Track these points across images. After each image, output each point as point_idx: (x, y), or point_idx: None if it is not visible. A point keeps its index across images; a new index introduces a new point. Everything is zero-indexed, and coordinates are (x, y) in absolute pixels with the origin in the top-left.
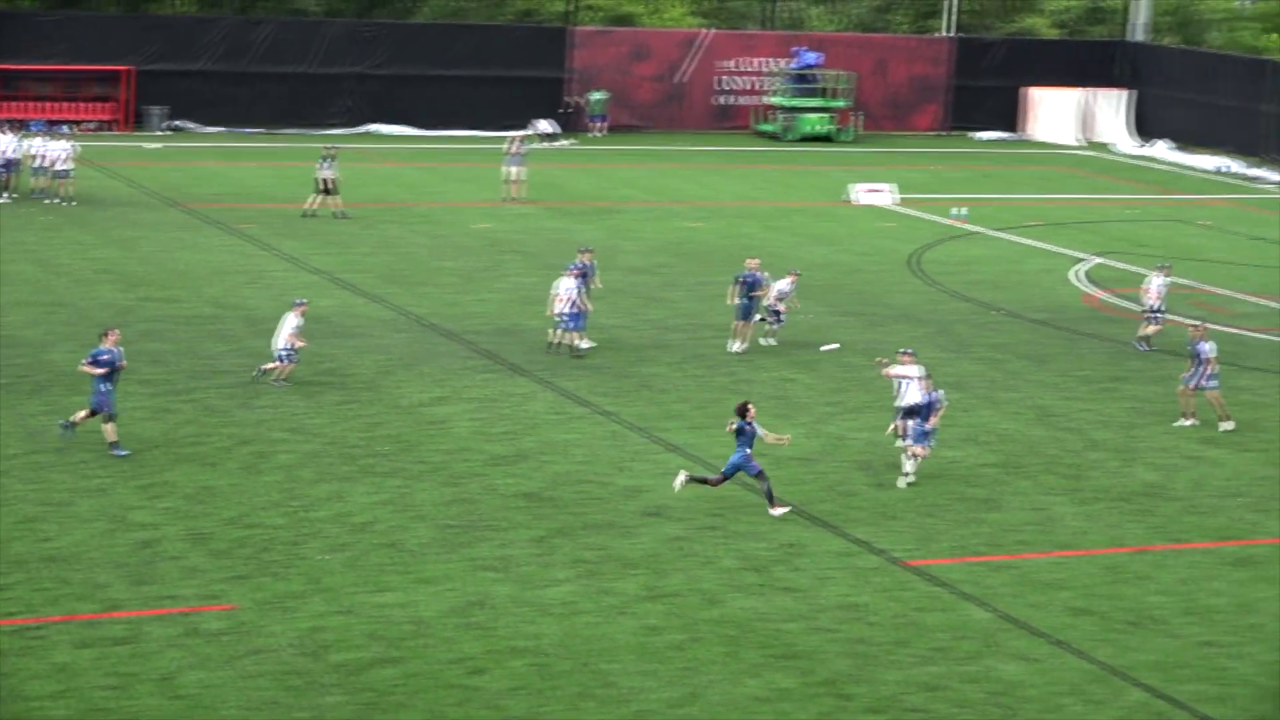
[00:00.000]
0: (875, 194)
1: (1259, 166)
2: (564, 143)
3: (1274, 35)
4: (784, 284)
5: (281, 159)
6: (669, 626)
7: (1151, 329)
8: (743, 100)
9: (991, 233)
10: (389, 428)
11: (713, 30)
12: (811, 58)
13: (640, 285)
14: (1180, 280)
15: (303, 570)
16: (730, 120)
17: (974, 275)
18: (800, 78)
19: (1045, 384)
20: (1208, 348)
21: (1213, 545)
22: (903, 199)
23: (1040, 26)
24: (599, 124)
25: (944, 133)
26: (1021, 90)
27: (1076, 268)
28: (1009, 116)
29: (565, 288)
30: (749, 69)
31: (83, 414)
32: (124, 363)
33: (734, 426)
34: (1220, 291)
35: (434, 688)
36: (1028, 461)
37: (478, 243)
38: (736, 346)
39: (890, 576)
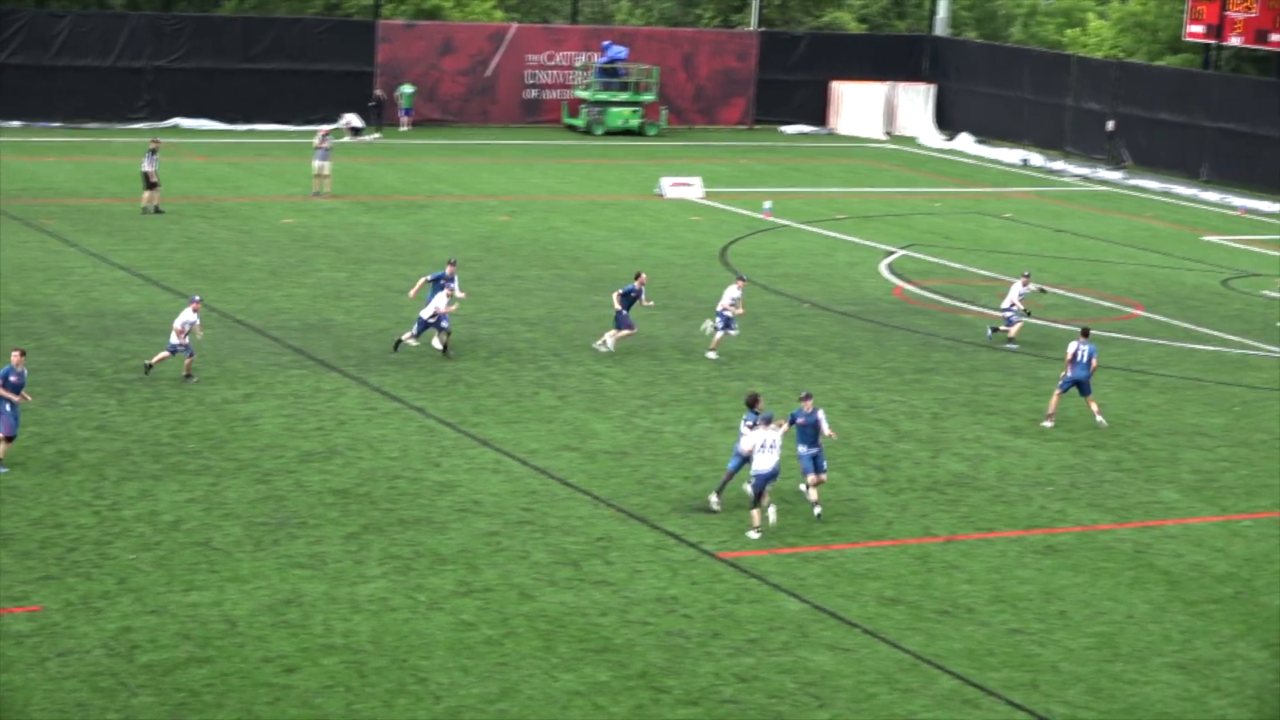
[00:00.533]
0: (684, 188)
1: (1060, 159)
2: (372, 137)
3: (1073, 30)
4: (733, 290)
5: (84, 154)
6: (483, 622)
7: (1014, 329)
8: (551, 94)
9: (799, 226)
10: (197, 425)
11: (520, 24)
12: (618, 52)
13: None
14: (984, 272)
15: (111, 570)
16: (539, 114)
17: (782, 268)
18: (608, 71)
19: (854, 376)
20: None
21: (1020, 534)
22: (711, 193)
23: (845, 21)
24: (407, 118)
25: (751, 127)
26: (827, 84)
27: (884, 260)
28: (815, 111)
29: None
30: (557, 63)
31: None
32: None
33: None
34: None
35: (246, 687)
36: (838, 453)
37: (285, 238)
38: (603, 345)
39: (703, 569)
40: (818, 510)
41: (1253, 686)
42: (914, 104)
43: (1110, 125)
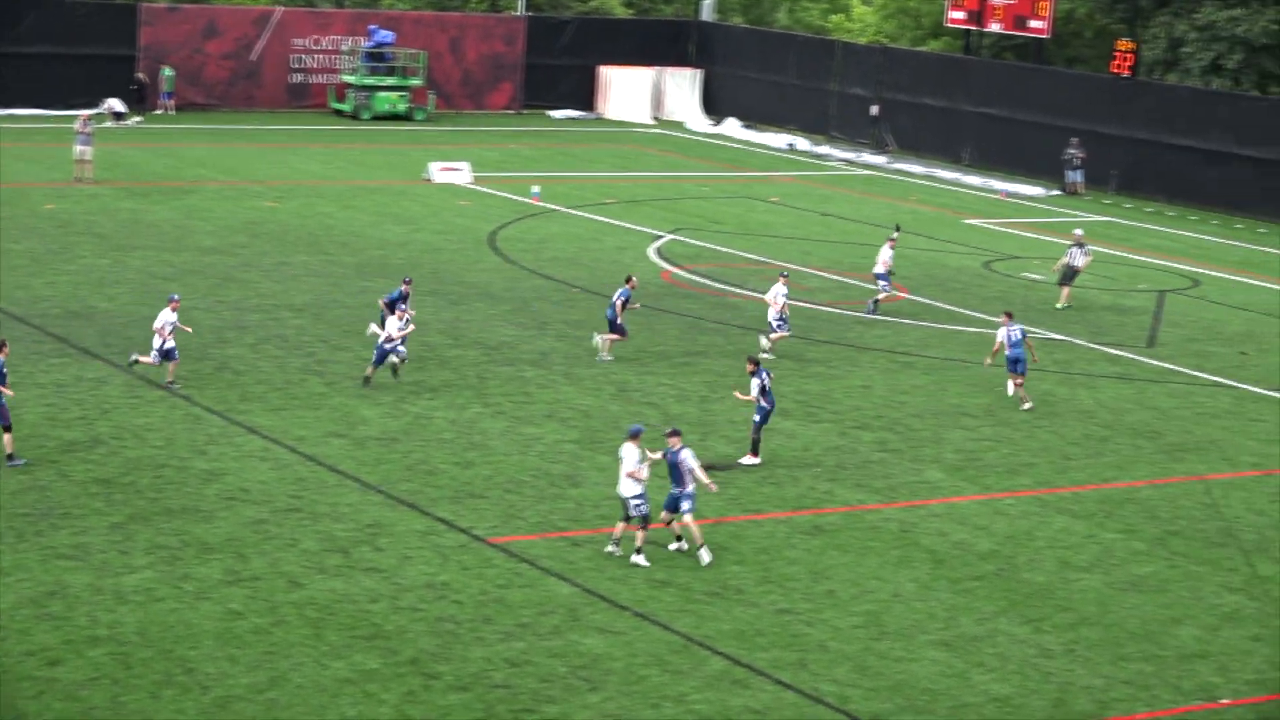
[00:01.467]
0: (452, 172)
1: (825, 144)
2: (133, 121)
3: (838, 16)
4: (779, 288)
5: None
6: (251, 611)
7: (883, 296)
8: (318, 78)
9: (568, 210)
10: None
11: (286, 8)
12: (385, 36)
13: (216, 266)
14: (752, 256)
15: None
16: (306, 99)
17: (551, 252)
18: (374, 56)
19: (623, 359)
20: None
21: (788, 515)
22: (479, 177)
23: (612, 6)
24: (169, 101)
25: (519, 111)
26: (595, 69)
27: (652, 245)
28: (583, 96)
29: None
30: (323, 47)
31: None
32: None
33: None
34: (791, 266)
35: (9, 680)
36: (608, 437)
37: (47, 224)
38: (602, 355)
39: (474, 554)
40: (673, 546)
41: (1015, 661)
42: (681, 89)
43: (874, 110)
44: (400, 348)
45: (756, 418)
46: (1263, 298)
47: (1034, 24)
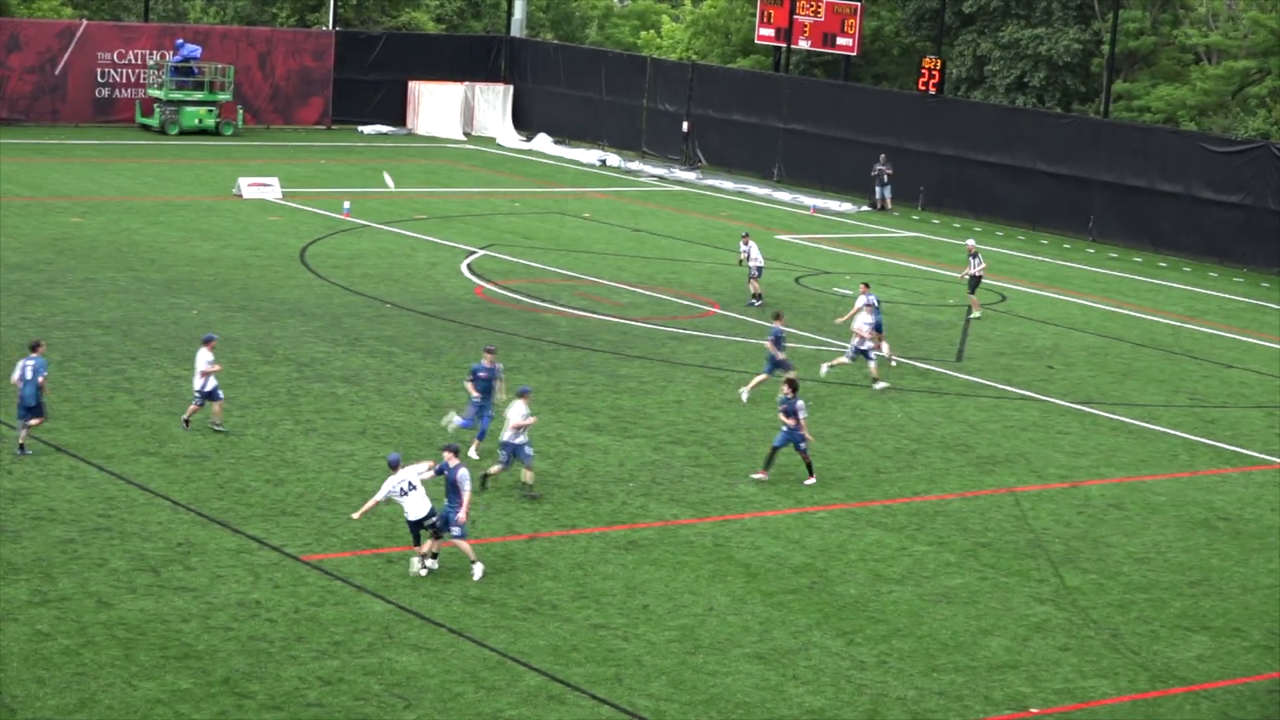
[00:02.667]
0: (262, 188)
1: (637, 160)
2: None
3: (648, 33)
4: (864, 301)
5: None
6: (59, 631)
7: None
8: (125, 93)
9: (379, 226)
10: None
11: (90, 21)
12: (192, 50)
13: (21, 283)
14: (564, 271)
15: None
16: (112, 113)
17: (363, 268)
18: (182, 71)
19: (436, 376)
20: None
21: (602, 530)
22: (289, 193)
23: (422, 21)
24: None
25: (329, 127)
26: (406, 84)
27: (465, 260)
28: (394, 111)
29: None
30: (129, 61)
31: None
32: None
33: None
34: (603, 282)
35: None
36: (420, 454)
37: None
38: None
39: (287, 572)
40: (417, 567)
41: (829, 674)
42: (492, 105)
43: (685, 126)
44: (528, 448)
45: (778, 442)
46: (1068, 312)
47: (842, 42)
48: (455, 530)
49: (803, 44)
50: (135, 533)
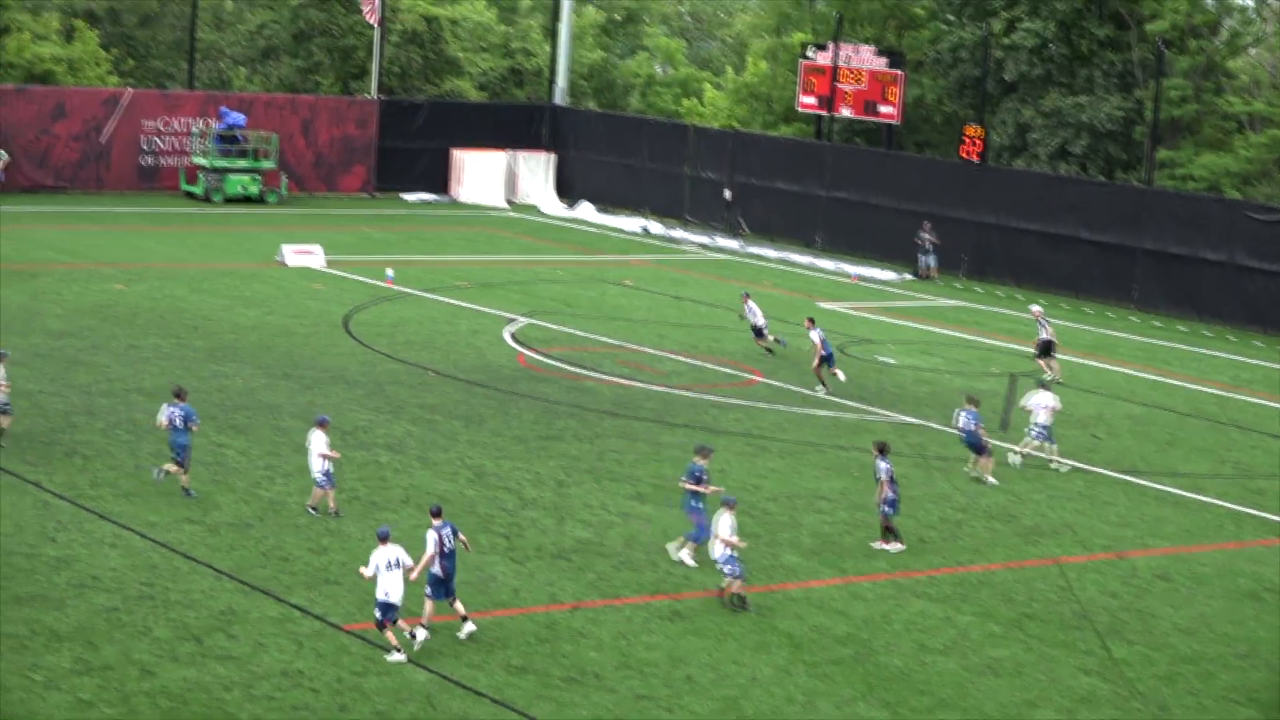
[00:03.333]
0: (305, 255)
1: (679, 228)
2: None
3: (690, 100)
4: (1047, 399)
5: None
6: (102, 700)
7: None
8: (169, 161)
9: (422, 294)
10: None
11: (135, 89)
12: (236, 118)
13: (64, 349)
14: (607, 339)
15: None
16: (157, 181)
17: (406, 336)
18: (226, 138)
19: (479, 444)
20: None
21: (646, 599)
22: (333, 260)
23: (465, 89)
24: None
25: (373, 194)
26: (449, 152)
27: (507, 328)
28: (437, 178)
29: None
30: (174, 129)
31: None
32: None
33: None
34: (645, 350)
35: None
36: (463, 522)
37: None
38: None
39: (329, 641)
40: (422, 635)
41: None
42: (535, 172)
43: (728, 194)
44: (736, 568)
45: (888, 509)
46: (1112, 381)
47: (884, 110)
48: (427, 591)
49: (845, 112)
50: (178, 601)
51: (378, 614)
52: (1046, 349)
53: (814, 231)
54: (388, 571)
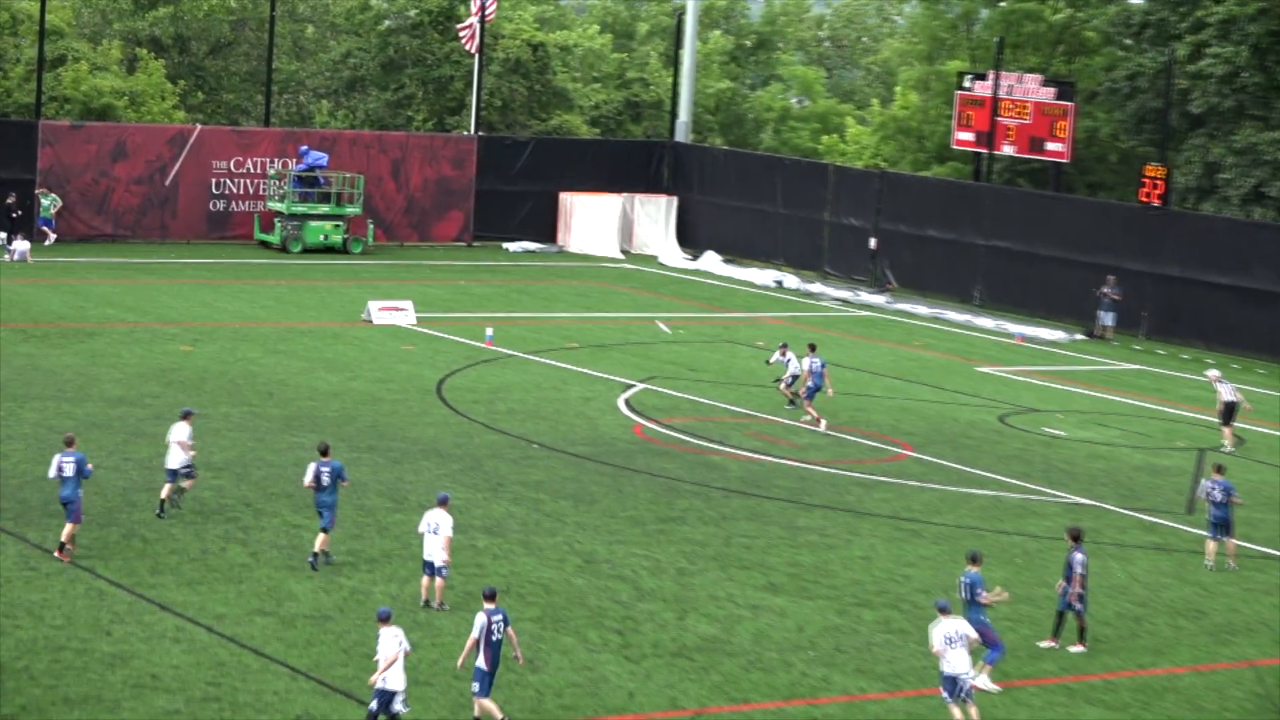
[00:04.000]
0: (394, 313)
1: (818, 281)
2: (18, 251)
3: (830, 137)
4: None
5: None
6: None
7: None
8: (242, 206)
9: (526, 356)
10: None
11: (205, 126)
12: (318, 158)
13: (124, 419)
14: (734, 408)
15: None
16: (228, 229)
17: (507, 404)
18: (306, 180)
19: (589, 526)
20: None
21: (779, 705)
22: (424, 318)
23: (575, 125)
24: (49, 230)
25: (470, 244)
26: (556, 196)
27: (622, 395)
28: (543, 226)
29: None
30: (247, 170)
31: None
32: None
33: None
34: (779, 420)
35: None
36: (571, 615)
37: None
38: None
39: None
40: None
41: None
42: (653, 218)
43: (873, 243)
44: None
45: (1078, 605)
46: None
47: (1052, 146)
48: (474, 687)
49: (1006, 149)
50: (248, 703)
51: (374, 706)
52: (1229, 413)
53: (971, 285)
54: (400, 648)
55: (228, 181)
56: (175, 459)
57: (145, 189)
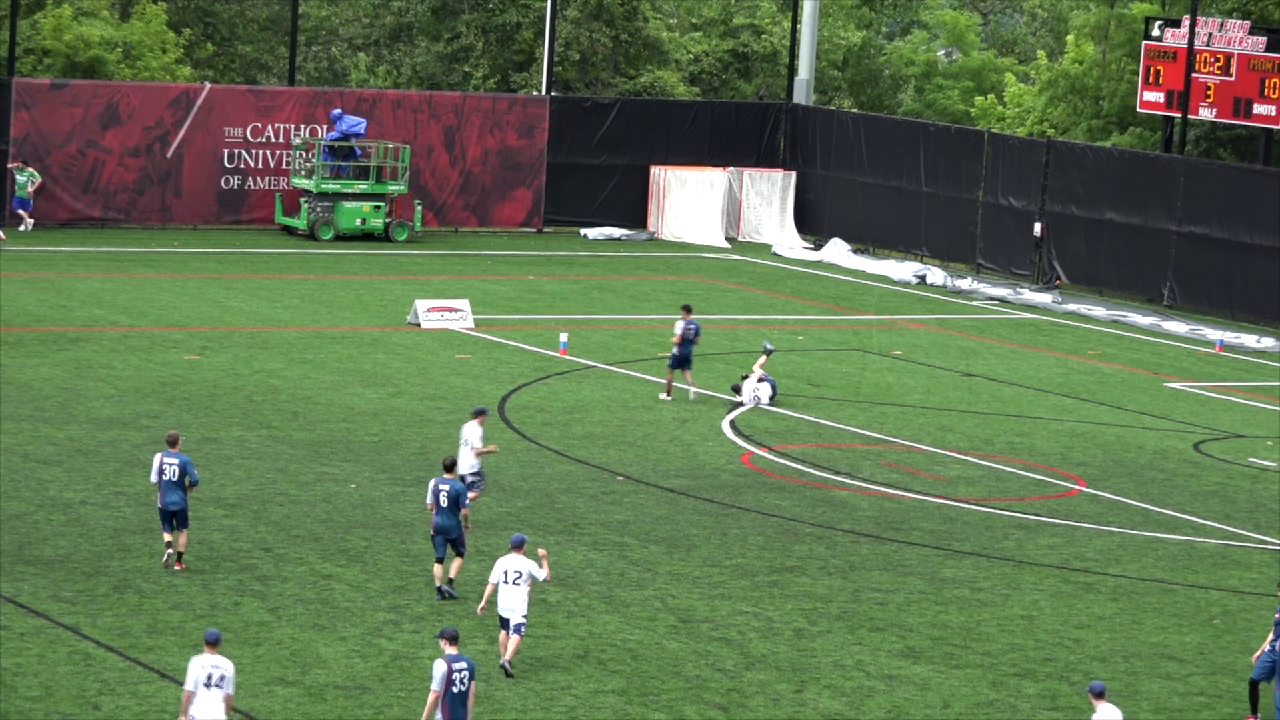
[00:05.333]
0: (447, 314)
1: (970, 276)
2: None
3: (985, 98)
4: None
5: None
6: None
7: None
8: (260, 183)
9: (608, 368)
10: None
11: (215, 85)
12: (354, 124)
13: (116, 445)
14: (865, 433)
15: None
16: (243, 211)
17: (585, 426)
18: (339, 152)
19: (686, 578)
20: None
21: None
22: (483, 321)
23: (670, 82)
24: (25, 213)
25: (540, 230)
26: (647, 170)
27: (727, 416)
28: (631, 207)
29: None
30: (267, 139)
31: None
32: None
33: None
34: (921, 448)
35: None
36: (664, 687)
37: None
38: None
39: None
40: None
41: None
42: (766, 199)
43: (1038, 229)
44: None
45: (1256, 673)
46: None
47: (1261, 110)
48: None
49: (1205, 113)
50: None
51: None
52: None
53: (1160, 281)
54: (205, 690)
55: (243, 153)
56: (465, 463)
57: (142, 162)
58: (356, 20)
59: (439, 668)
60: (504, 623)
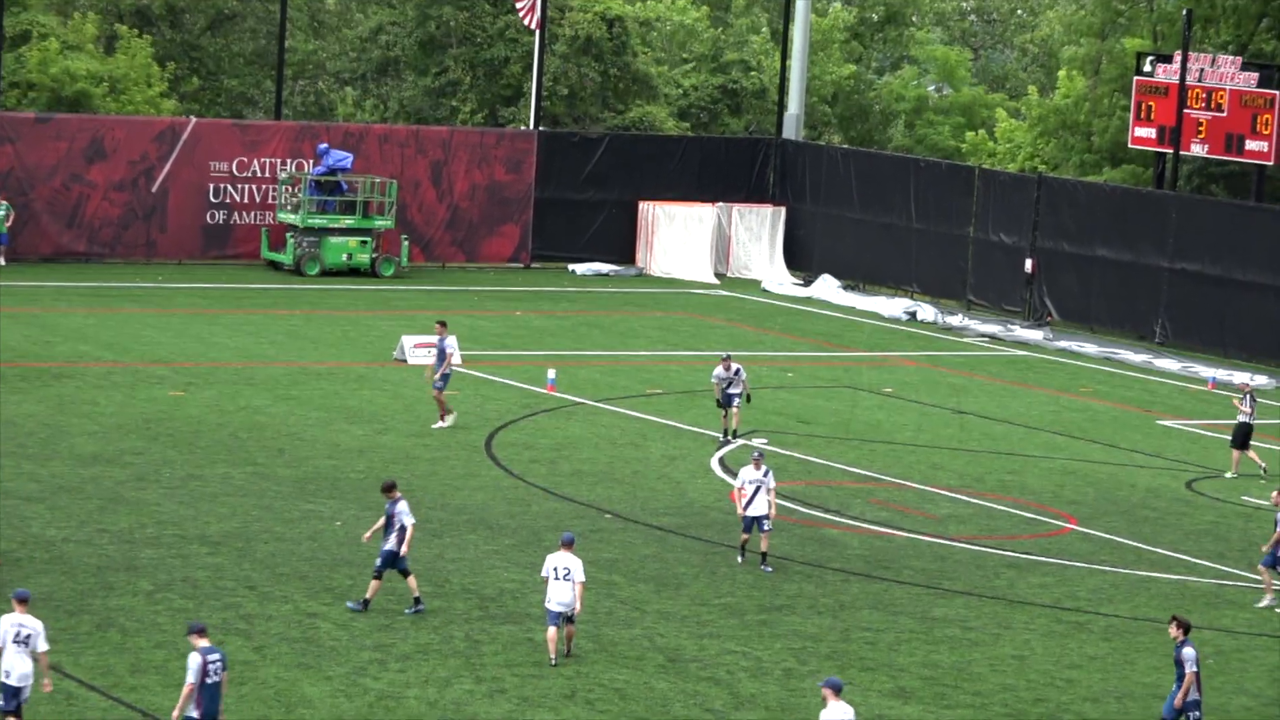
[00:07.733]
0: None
1: (960, 313)
2: None
3: (976, 134)
4: None
5: None
6: None
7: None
8: (246, 218)
9: (596, 404)
10: None
11: (201, 119)
12: (340, 158)
13: (99, 481)
14: (855, 470)
15: None
16: (229, 246)
17: (573, 464)
18: (325, 186)
19: (675, 617)
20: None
21: None
22: (471, 358)
23: (659, 118)
24: (1, 248)
25: (528, 265)
26: (636, 206)
27: (716, 453)
28: (619, 243)
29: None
30: (253, 173)
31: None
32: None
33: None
34: (911, 485)
35: None
36: (653, 715)
37: None
38: None
39: None
40: None
41: None
42: (755, 234)
43: (1029, 266)
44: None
45: (1195, 714)
46: None
47: (1254, 146)
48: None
49: (1196, 149)
50: None
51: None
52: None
53: (1152, 318)
54: (14, 647)
55: (229, 188)
56: (759, 507)
57: (127, 197)
58: (343, 54)
59: (194, 660)
60: (553, 616)
